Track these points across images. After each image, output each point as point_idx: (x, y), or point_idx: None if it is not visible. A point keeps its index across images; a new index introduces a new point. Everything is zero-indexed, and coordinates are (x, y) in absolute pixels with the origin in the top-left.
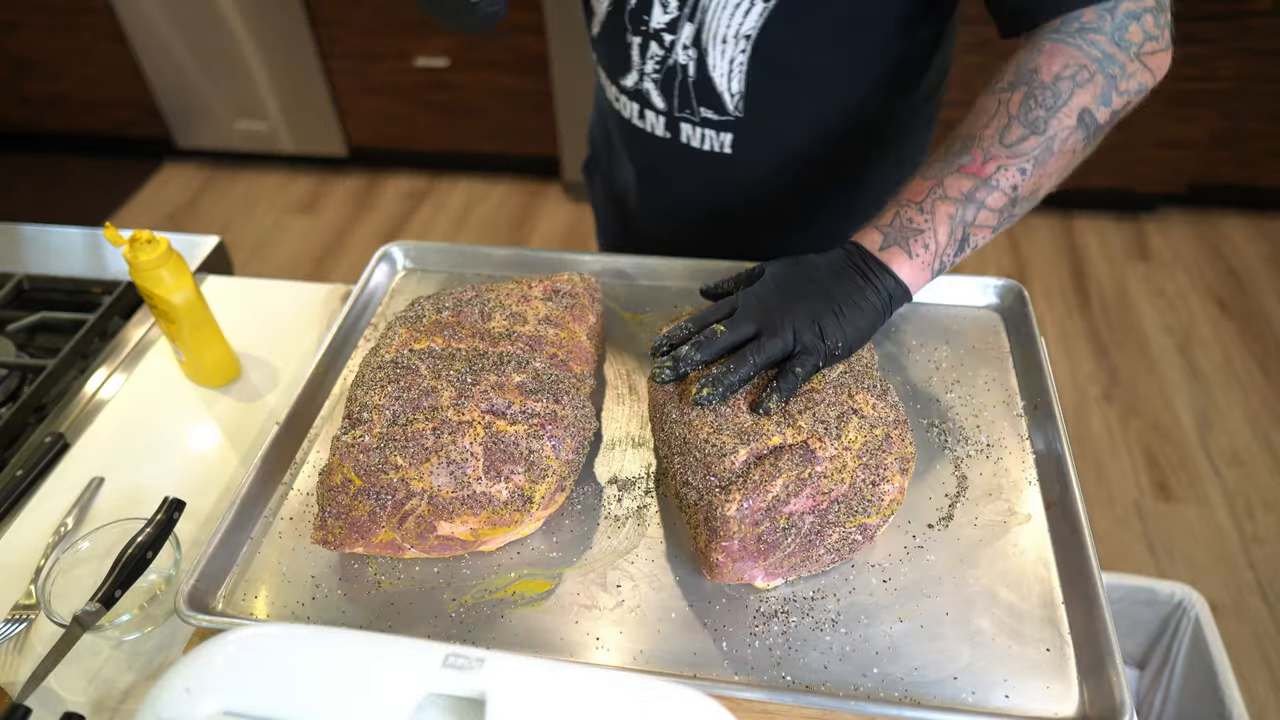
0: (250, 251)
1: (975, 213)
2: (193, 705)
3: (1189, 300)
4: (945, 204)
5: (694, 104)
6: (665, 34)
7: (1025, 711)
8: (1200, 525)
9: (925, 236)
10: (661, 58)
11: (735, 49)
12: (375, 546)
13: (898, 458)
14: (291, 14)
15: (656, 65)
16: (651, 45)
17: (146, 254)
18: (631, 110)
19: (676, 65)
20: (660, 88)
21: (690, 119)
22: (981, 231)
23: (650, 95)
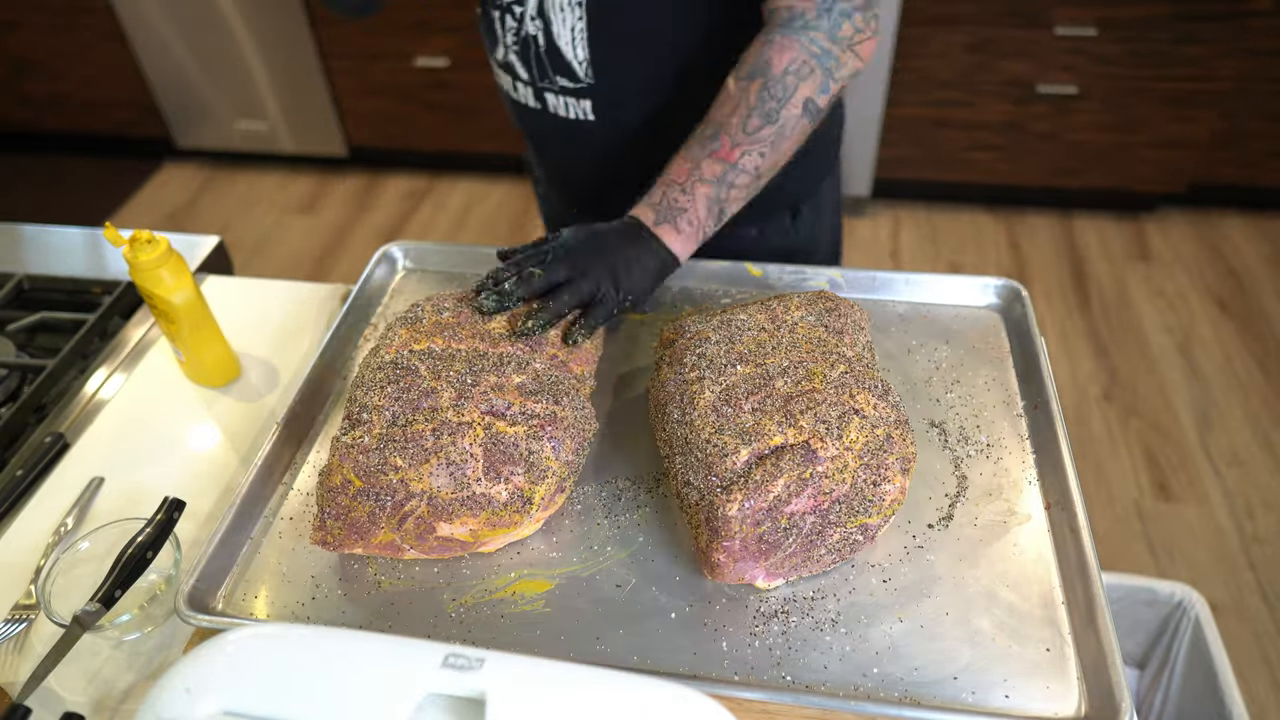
0: (250, 251)
1: (727, 191)
2: (193, 705)
3: (1189, 300)
4: (703, 185)
5: (550, 73)
6: (515, 5)
7: (1025, 711)
8: (1200, 525)
9: (690, 215)
10: (516, 29)
11: (573, 16)
12: (375, 547)
13: (899, 457)
14: (291, 14)
15: (514, 37)
16: (507, 18)
17: (146, 254)
18: (506, 83)
19: (528, 36)
20: (520, 59)
21: (550, 88)
22: (734, 204)
23: (515, 67)
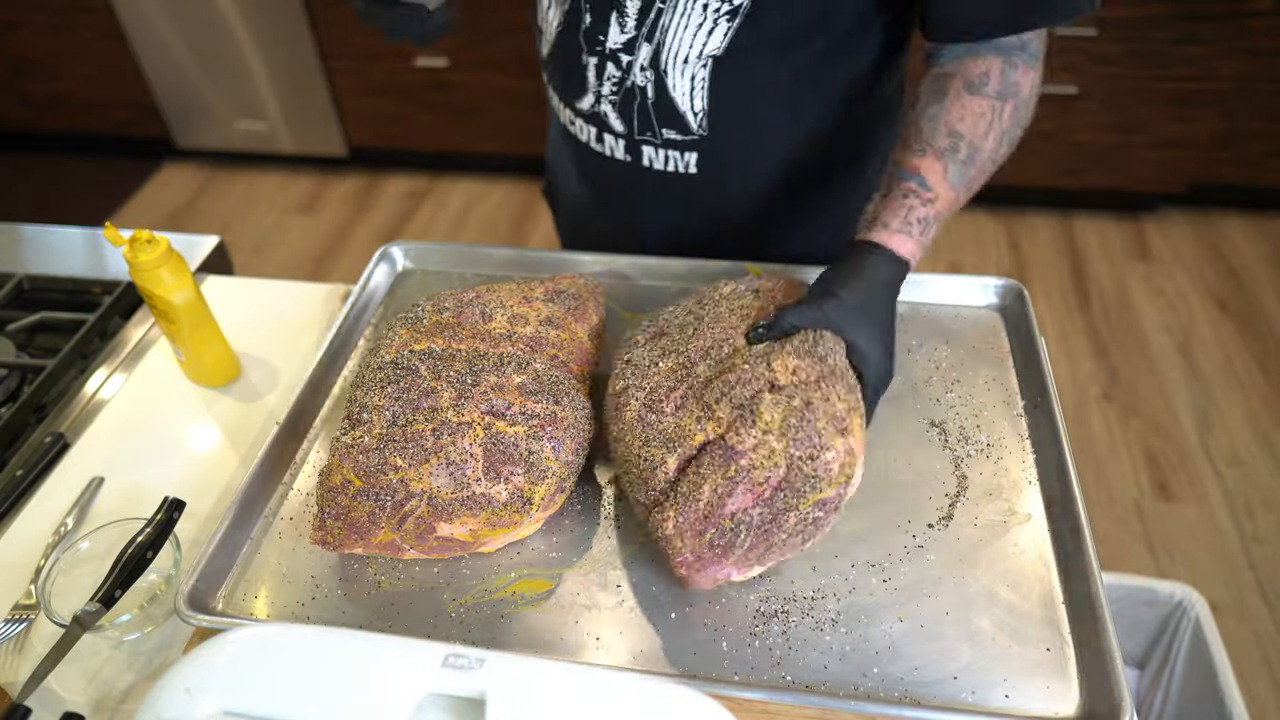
0: (250, 251)
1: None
2: (193, 705)
3: (1189, 300)
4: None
5: (655, 125)
6: (622, 54)
7: (1025, 711)
8: (1200, 525)
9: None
10: (619, 79)
11: (697, 67)
12: (374, 547)
13: (829, 419)
14: (291, 14)
15: (614, 87)
16: (608, 66)
17: (146, 254)
18: (589, 134)
19: (634, 87)
20: (619, 110)
21: (652, 141)
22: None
23: (608, 118)
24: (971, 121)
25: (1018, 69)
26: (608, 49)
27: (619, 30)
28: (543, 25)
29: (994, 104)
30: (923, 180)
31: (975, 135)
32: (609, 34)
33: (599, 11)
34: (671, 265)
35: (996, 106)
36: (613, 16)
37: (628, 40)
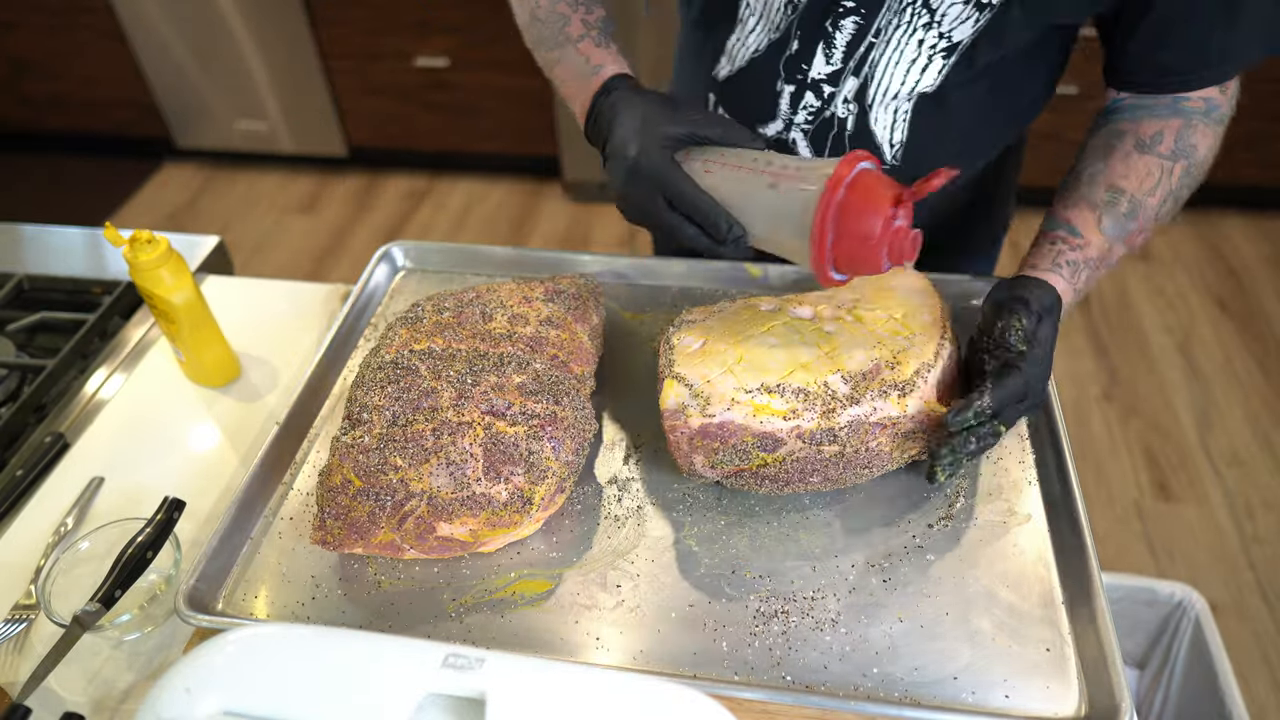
0: (250, 251)
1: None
2: (193, 705)
3: (1189, 300)
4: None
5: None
6: (825, 85)
7: (1025, 711)
8: (1200, 525)
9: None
10: (817, 109)
11: (904, 104)
12: (374, 547)
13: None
14: (291, 14)
15: (810, 116)
16: (807, 95)
17: (146, 254)
18: None
19: (834, 118)
20: (810, 138)
21: None
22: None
23: (796, 145)
24: (1137, 179)
25: (1195, 131)
26: (810, 79)
27: (824, 61)
28: (731, 50)
29: (1164, 164)
30: (1072, 228)
31: (1139, 191)
32: (813, 64)
33: (807, 40)
34: (671, 265)
35: (1166, 166)
36: (819, 47)
37: (833, 72)
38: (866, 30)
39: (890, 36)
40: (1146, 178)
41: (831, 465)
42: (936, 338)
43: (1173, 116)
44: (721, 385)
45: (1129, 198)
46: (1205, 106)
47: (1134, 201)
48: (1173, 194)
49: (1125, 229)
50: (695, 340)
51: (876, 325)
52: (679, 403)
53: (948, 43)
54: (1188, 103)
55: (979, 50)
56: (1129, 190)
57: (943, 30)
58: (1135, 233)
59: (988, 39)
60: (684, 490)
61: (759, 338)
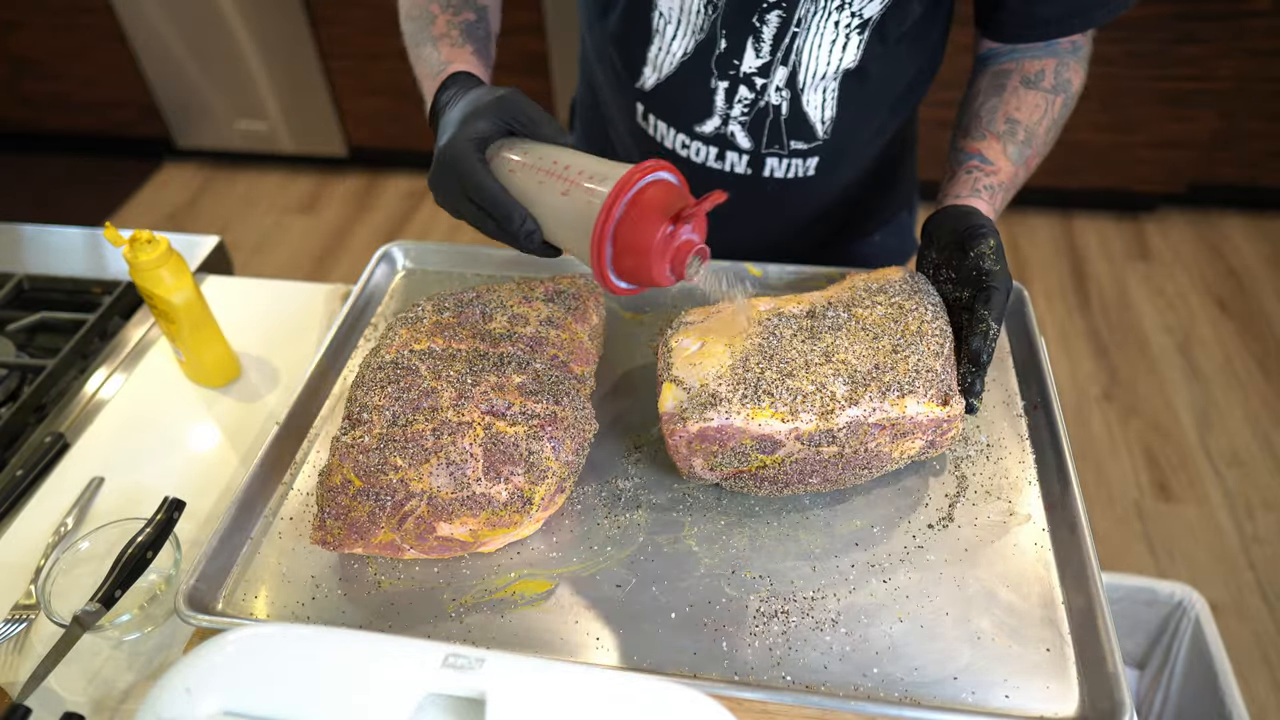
0: (250, 251)
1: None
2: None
3: (1189, 300)
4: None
5: (784, 138)
6: (756, 78)
7: (1025, 711)
8: (1200, 525)
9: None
10: (751, 100)
11: (830, 81)
12: (374, 547)
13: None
14: (291, 14)
15: (745, 108)
16: (740, 89)
17: (146, 254)
18: (707, 154)
19: (769, 106)
20: (748, 129)
21: (779, 153)
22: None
23: (735, 137)
24: (1028, 111)
25: (1069, 67)
26: (742, 73)
27: (754, 55)
28: (655, 60)
29: (1048, 96)
30: (983, 157)
31: (1031, 121)
32: (744, 59)
33: (735, 38)
34: None
35: (1050, 99)
36: (749, 42)
37: (763, 64)
38: (790, 21)
39: (810, 23)
40: (1035, 109)
41: (831, 466)
42: (935, 337)
43: (1048, 56)
44: (720, 388)
45: (1024, 127)
46: (1072, 46)
47: (1028, 130)
48: (1055, 123)
49: (1023, 155)
50: (693, 342)
51: (875, 325)
52: (677, 406)
53: (860, 19)
54: (1059, 44)
55: (888, 24)
56: (1023, 121)
57: (854, 9)
58: (1031, 157)
59: (894, 11)
60: (684, 490)
61: (757, 339)
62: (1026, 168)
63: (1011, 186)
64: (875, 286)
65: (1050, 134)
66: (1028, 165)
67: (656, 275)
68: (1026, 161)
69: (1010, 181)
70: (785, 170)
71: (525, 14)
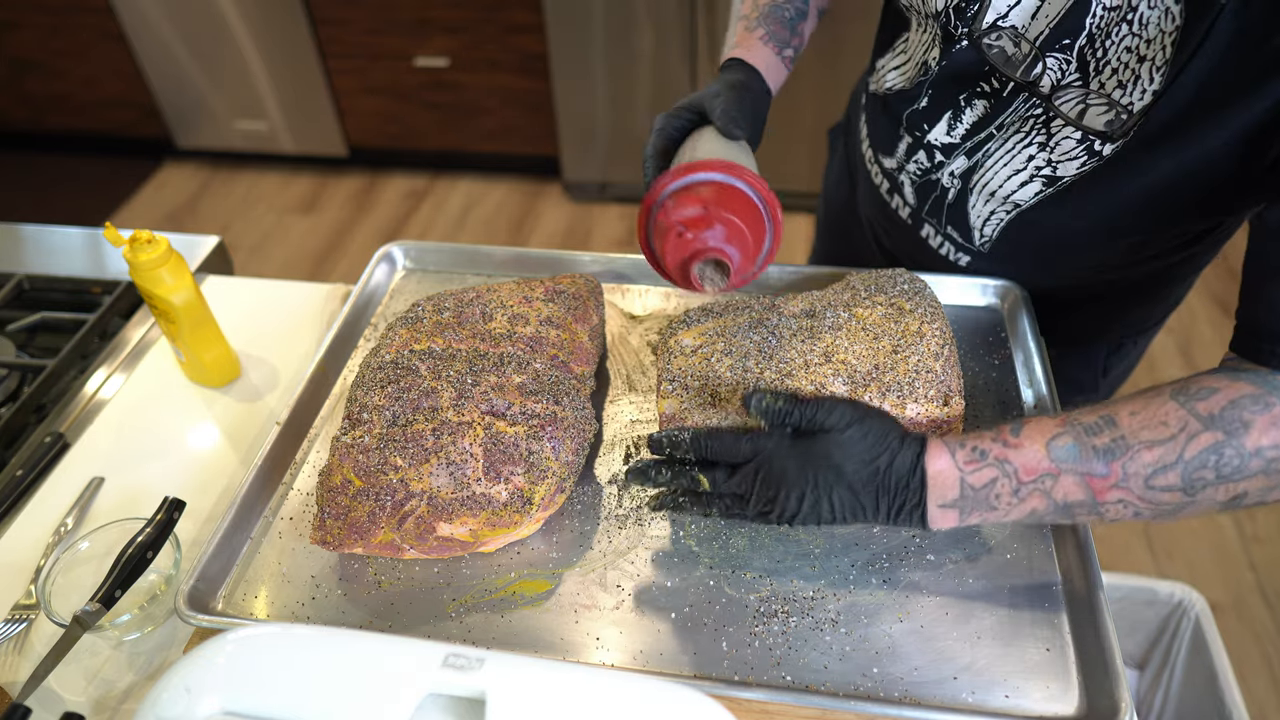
0: (250, 251)
1: (1056, 518)
2: (193, 705)
3: (1189, 300)
4: (1040, 499)
5: (943, 219)
6: (938, 152)
7: (1025, 711)
8: (1200, 525)
9: (995, 514)
10: (926, 169)
11: (999, 205)
12: (374, 547)
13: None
14: (291, 14)
15: (919, 170)
16: (920, 153)
17: (146, 254)
18: (882, 183)
19: (939, 183)
20: (916, 191)
21: (935, 225)
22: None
23: (904, 187)
24: (1143, 422)
25: (1266, 409)
26: (926, 140)
27: (946, 131)
28: (880, 73)
29: (1189, 422)
30: (1018, 427)
31: (1135, 436)
32: (935, 128)
33: (937, 104)
34: None
35: (1192, 427)
36: (946, 116)
37: (949, 144)
38: (991, 120)
39: (1008, 137)
40: (1158, 427)
41: None
42: (935, 338)
43: (1252, 385)
44: (719, 388)
45: (1122, 433)
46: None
47: (1121, 441)
48: (1179, 467)
49: (1089, 466)
50: (693, 342)
51: (875, 325)
52: (676, 406)
53: (1052, 171)
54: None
55: (1088, 194)
56: (1124, 428)
57: (1051, 158)
58: (1103, 479)
59: (1103, 186)
60: None
61: (756, 339)
62: (1086, 486)
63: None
64: (875, 287)
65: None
66: (1091, 485)
67: (671, 268)
68: (1090, 479)
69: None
70: (939, 245)
71: (525, 14)
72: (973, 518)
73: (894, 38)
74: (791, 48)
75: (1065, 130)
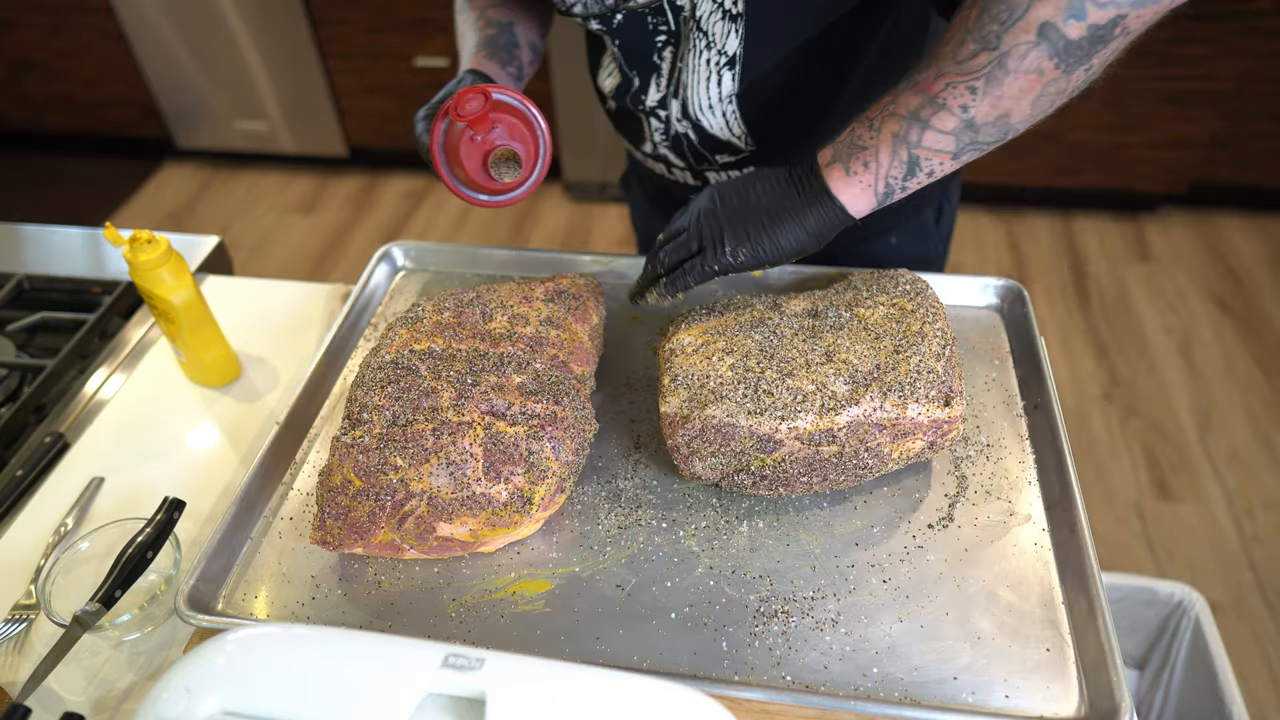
0: (250, 251)
1: (921, 133)
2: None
3: (1189, 300)
4: (892, 121)
5: (709, 156)
6: (659, 110)
7: (1025, 711)
8: (1200, 525)
9: (867, 155)
10: (664, 129)
11: (724, 108)
12: (374, 547)
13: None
14: (291, 14)
15: (663, 136)
16: (652, 120)
17: (146, 254)
18: (659, 169)
19: (677, 134)
20: (674, 152)
21: (710, 168)
22: (935, 156)
23: (669, 158)
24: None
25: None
26: (648, 107)
27: (656, 90)
28: (601, 89)
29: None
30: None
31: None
32: (648, 95)
33: (643, 77)
34: None
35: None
36: (652, 79)
37: (661, 98)
38: (676, 58)
39: (687, 60)
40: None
41: (831, 466)
42: (937, 338)
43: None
44: (720, 387)
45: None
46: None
47: (929, 58)
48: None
49: (913, 78)
50: (694, 341)
51: (876, 325)
52: (677, 405)
53: (725, 56)
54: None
55: (756, 58)
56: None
57: (718, 47)
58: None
59: (763, 47)
60: (684, 490)
61: (758, 338)
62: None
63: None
64: (877, 287)
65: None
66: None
67: (472, 173)
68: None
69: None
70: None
71: None
72: (854, 165)
73: (599, 56)
74: (513, 66)
75: (714, 19)
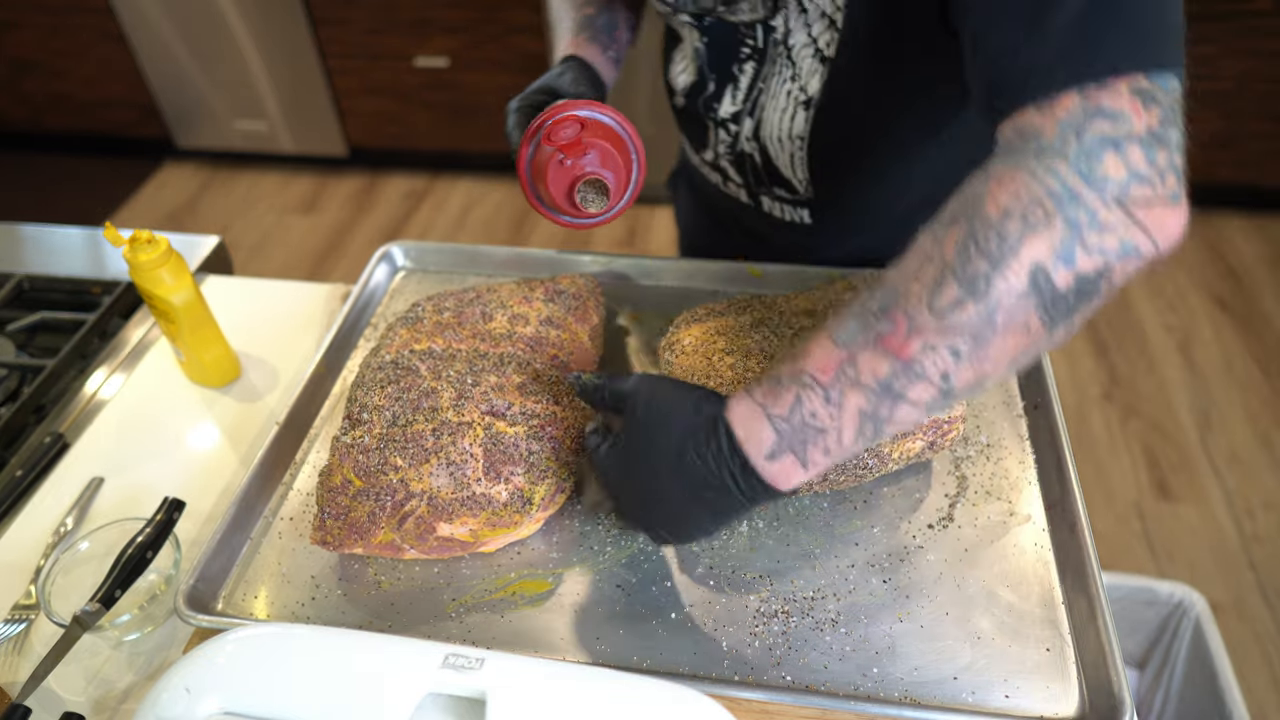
0: (250, 251)
1: (893, 408)
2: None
3: (1189, 300)
4: (856, 393)
5: (767, 184)
6: (730, 124)
7: (1025, 711)
8: (1200, 525)
9: (828, 439)
10: (730, 143)
11: (792, 146)
12: (374, 547)
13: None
14: (291, 14)
15: (728, 149)
16: (721, 132)
17: (146, 254)
18: (715, 178)
19: (743, 152)
20: (735, 167)
21: (768, 195)
22: (900, 426)
23: (728, 171)
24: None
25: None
26: (719, 117)
27: (730, 102)
28: (673, 84)
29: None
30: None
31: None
32: (722, 104)
33: (719, 84)
34: (671, 265)
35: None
36: (728, 88)
37: (735, 112)
38: (759, 77)
39: (771, 84)
40: (915, 258)
41: (831, 466)
42: None
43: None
44: (720, 387)
45: (887, 289)
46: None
47: (891, 290)
48: (953, 271)
49: (875, 329)
50: (694, 341)
51: None
52: None
53: (802, 93)
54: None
55: (841, 104)
56: (890, 280)
57: (801, 83)
58: (893, 334)
59: (846, 93)
60: None
61: (758, 338)
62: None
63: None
64: None
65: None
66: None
67: (557, 197)
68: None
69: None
70: (781, 213)
71: (525, 14)
72: (813, 455)
73: (674, 49)
74: (613, 50)
75: (805, 53)
